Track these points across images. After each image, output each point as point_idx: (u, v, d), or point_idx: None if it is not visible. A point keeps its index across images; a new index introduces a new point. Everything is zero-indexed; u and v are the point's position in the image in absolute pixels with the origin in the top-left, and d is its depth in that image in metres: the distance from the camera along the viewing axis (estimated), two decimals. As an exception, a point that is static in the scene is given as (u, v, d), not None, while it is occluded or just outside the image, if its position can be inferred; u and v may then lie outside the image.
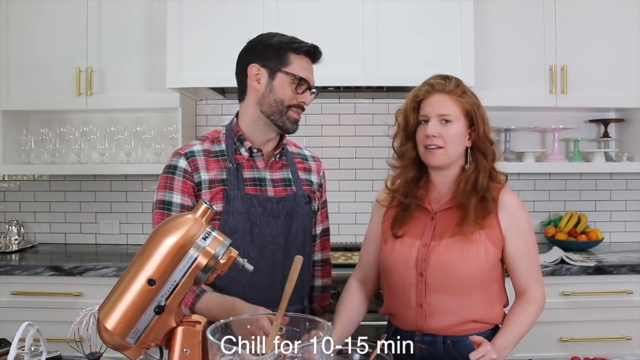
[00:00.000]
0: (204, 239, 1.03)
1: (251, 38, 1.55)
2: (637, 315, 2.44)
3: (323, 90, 2.82)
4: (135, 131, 2.92)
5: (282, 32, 1.53)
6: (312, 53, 1.51)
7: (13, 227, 2.92)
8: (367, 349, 1.21)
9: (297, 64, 1.47)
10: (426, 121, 1.43)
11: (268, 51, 1.48)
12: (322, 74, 2.55)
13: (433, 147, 1.41)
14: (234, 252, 1.07)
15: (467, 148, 1.46)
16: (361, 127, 3.03)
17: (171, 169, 1.47)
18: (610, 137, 2.99)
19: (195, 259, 1.02)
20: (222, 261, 1.04)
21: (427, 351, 1.42)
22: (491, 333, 1.46)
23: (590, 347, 2.30)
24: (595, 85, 2.73)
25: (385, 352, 1.19)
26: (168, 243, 1.01)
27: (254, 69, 1.49)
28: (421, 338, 1.43)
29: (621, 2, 2.75)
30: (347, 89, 2.77)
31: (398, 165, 1.52)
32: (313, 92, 1.52)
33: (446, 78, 1.45)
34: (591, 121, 3.03)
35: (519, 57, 2.73)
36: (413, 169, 1.50)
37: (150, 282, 0.99)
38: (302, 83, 1.47)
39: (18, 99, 2.80)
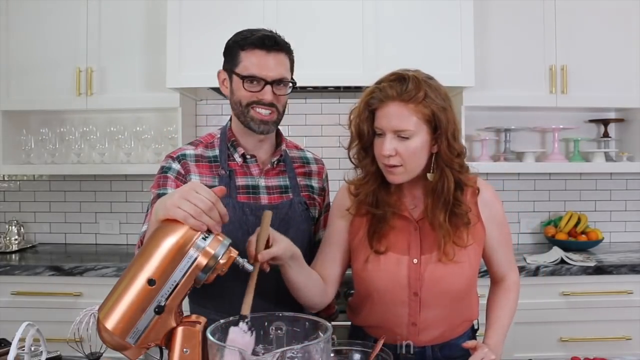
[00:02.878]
0: (204, 239, 1.03)
1: None
2: (637, 315, 2.44)
3: (323, 90, 2.82)
4: (135, 131, 2.92)
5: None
6: (260, 44, 1.38)
7: (13, 227, 2.92)
8: (366, 349, 1.22)
9: (246, 61, 1.39)
10: (382, 134, 1.25)
11: (225, 53, 1.45)
12: (322, 74, 2.60)
13: (391, 165, 1.25)
14: (234, 252, 1.07)
15: (432, 154, 1.28)
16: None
17: (164, 170, 1.46)
18: (610, 137, 2.99)
19: (195, 259, 1.02)
20: (222, 261, 1.04)
21: (412, 359, 1.38)
22: (470, 329, 1.46)
23: (590, 347, 2.30)
24: (595, 85, 2.73)
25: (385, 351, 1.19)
26: (168, 243, 1.01)
27: (221, 75, 1.47)
28: (407, 349, 1.37)
29: (621, 3, 2.75)
30: (347, 89, 2.77)
31: (360, 182, 1.36)
32: (280, 86, 1.40)
33: (402, 79, 1.24)
34: (591, 121, 3.03)
35: (519, 57, 2.73)
36: (377, 180, 1.33)
37: (150, 282, 0.99)
38: (250, 80, 1.38)
39: (18, 99, 2.80)
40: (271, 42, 1.39)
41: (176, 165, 1.45)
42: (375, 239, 1.34)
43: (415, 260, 1.33)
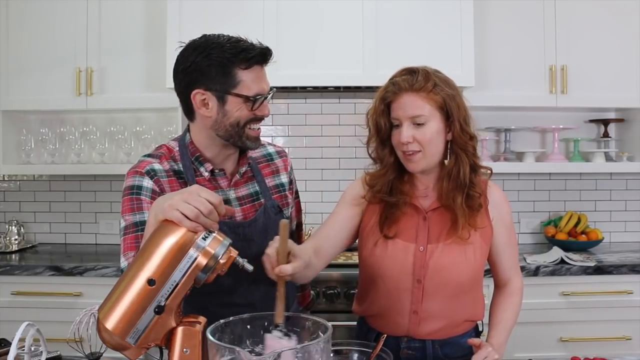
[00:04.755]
0: (204, 238, 1.03)
1: (192, 40, 1.34)
2: (637, 315, 2.44)
3: (323, 90, 2.82)
4: (135, 131, 2.92)
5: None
6: (262, 60, 1.31)
7: (13, 227, 2.92)
8: (366, 349, 1.22)
9: (247, 80, 1.29)
10: (399, 125, 1.33)
11: (210, 72, 1.28)
12: (322, 74, 2.60)
13: (410, 152, 1.33)
14: (234, 252, 1.06)
15: (447, 141, 1.36)
16: (361, 127, 3.03)
17: (135, 190, 1.31)
18: (610, 137, 2.99)
19: (195, 258, 1.02)
20: (222, 261, 1.04)
21: (413, 356, 1.40)
22: (474, 330, 1.47)
23: (590, 347, 2.30)
24: (595, 85, 2.73)
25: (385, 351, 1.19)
26: (168, 243, 1.01)
27: (198, 96, 1.30)
28: (408, 344, 1.40)
29: (621, 2, 2.75)
30: (347, 89, 2.77)
31: (378, 174, 1.42)
32: (270, 94, 1.35)
33: (412, 72, 1.33)
34: (591, 121, 3.03)
35: (519, 57, 2.73)
36: (394, 172, 1.40)
37: (150, 282, 0.99)
38: (257, 100, 1.30)
39: (18, 99, 2.80)
40: (269, 57, 1.32)
41: (148, 183, 1.32)
42: (386, 224, 1.39)
43: (421, 248, 1.37)
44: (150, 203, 1.28)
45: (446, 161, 1.37)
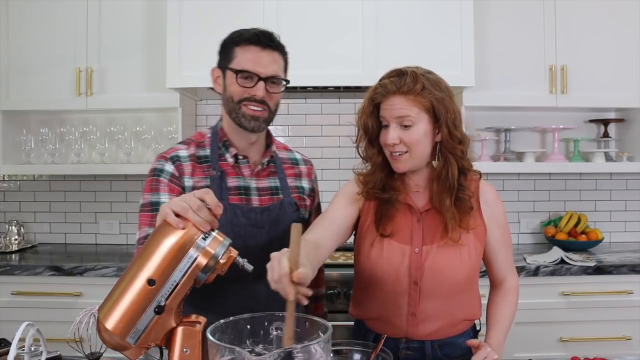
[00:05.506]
0: (204, 238, 1.03)
1: None
2: (637, 315, 2.44)
3: (323, 90, 2.82)
4: (135, 131, 2.92)
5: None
6: (256, 40, 1.40)
7: (13, 227, 2.93)
8: (366, 349, 1.22)
9: (240, 57, 1.40)
10: (387, 125, 1.34)
11: (220, 51, 1.46)
12: (322, 74, 2.60)
13: (397, 153, 1.33)
14: (234, 252, 1.07)
15: (436, 142, 1.34)
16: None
17: (157, 172, 1.43)
18: (610, 137, 2.99)
19: (195, 258, 1.02)
20: (222, 261, 1.04)
21: (412, 357, 1.40)
22: (472, 329, 1.47)
23: (590, 347, 2.30)
24: (595, 85, 2.73)
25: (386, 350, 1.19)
26: (168, 243, 1.01)
27: (215, 72, 1.48)
28: (406, 345, 1.40)
29: (621, 2, 2.75)
30: (347, 89, 2.77)
31: (368, 173, 1.43)
32: (273, 84, 1.42)
33: (401, 74, 1.32)
34: (591, 121, 3.03)
35: (519, 57, 2.73)
36: (384, 170, 1.40)
37: (150, 282, 0.99)
38: (243, 75, 1.39)
39: (18, 99, 2.80)
40: (266, 39, 1.40)
41: (169, 167, 1.42)
42: (382, 222, 1.39)
43: (417, 250, 1.37)
44: (168, 185, 1.40)
45: (434, 162, 1.36)
